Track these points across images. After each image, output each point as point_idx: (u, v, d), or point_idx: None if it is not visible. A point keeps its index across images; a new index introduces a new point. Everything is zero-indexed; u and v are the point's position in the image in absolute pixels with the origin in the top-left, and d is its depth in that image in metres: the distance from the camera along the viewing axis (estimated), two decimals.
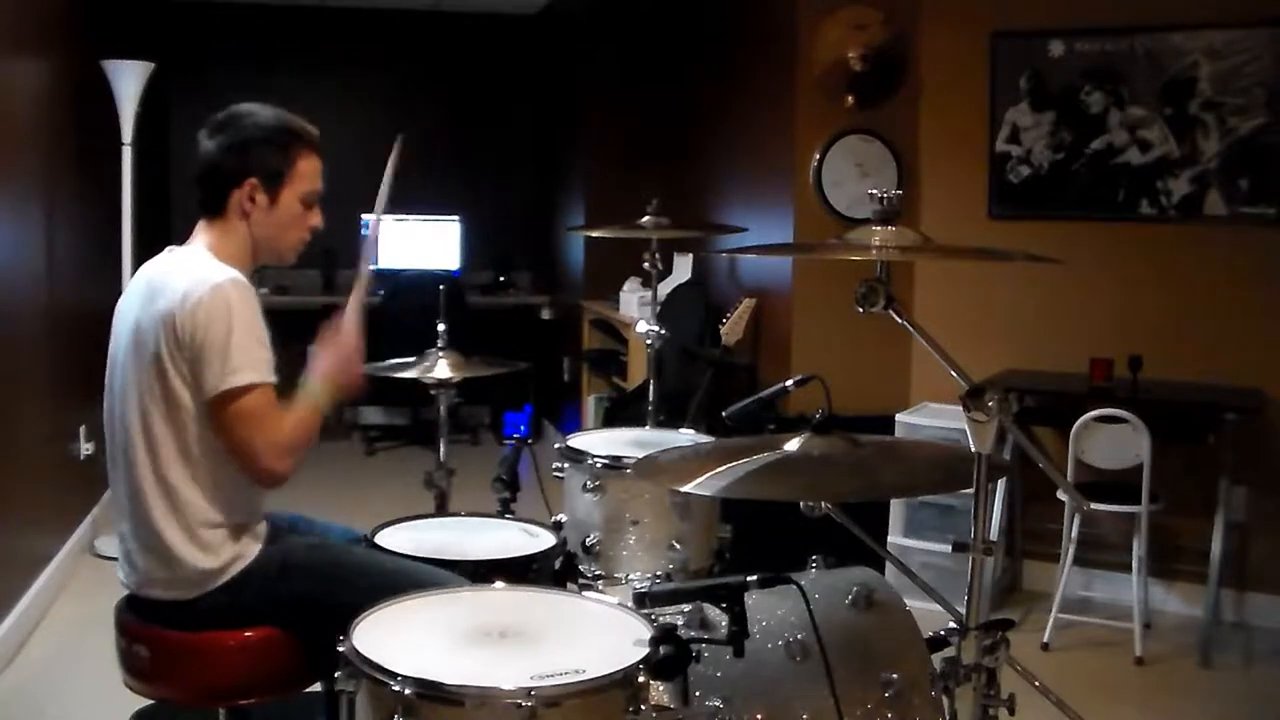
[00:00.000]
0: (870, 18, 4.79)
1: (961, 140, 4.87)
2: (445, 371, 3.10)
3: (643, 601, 1.92)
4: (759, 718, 1.96)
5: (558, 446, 3.00)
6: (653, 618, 1.89)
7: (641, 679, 1.71)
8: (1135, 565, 4.17)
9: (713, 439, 2.96)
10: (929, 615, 2.12)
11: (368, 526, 2.68)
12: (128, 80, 5.11)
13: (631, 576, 2.83)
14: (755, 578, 1.84)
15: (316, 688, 2.37)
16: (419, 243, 7.54)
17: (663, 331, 3.44)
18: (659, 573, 2.82)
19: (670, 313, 4.94)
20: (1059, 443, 4.35)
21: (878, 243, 1.83)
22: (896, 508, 4.55)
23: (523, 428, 6.55)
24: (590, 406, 6.45)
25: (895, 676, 2.01)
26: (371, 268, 2.64)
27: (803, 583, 1.96)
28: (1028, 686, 2.13)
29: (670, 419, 3.57)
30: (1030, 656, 4.00)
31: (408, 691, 1.64)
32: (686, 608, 2.03)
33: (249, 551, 2.30)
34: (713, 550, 2.91)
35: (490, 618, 1.91)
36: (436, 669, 1.68)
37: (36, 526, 4.45)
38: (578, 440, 3.05)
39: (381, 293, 7.00)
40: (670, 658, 1.73)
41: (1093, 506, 4.09)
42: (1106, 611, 4.44)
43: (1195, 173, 4.49)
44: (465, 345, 3.21)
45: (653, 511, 2.82)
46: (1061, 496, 4.25)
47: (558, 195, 7.59)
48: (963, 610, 1.77)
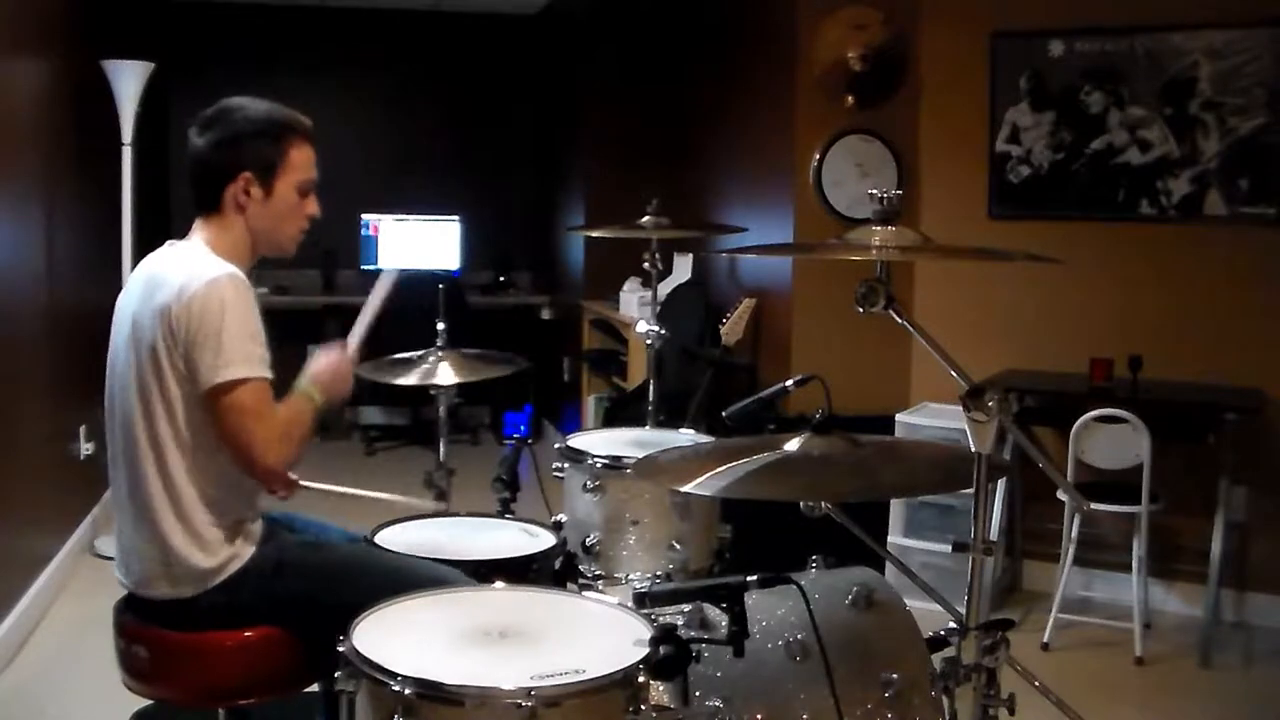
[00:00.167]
0: (870, 18, 4.79)
1: (961, 140, 4.87)
2: (445, 371, 3.10)
3: (643, 601, 1.92)
4: (759, 718, 1.96)
5: (558, 446, 3.00)
6: (653, 618, 1.89)
7: (641, 679, 1.71)
8: (1135, 565, 4.17)
9: (713, 439, 2.96)
10: (929, 615, 2.12)
11: (368, 526, 2.69)
12: (128, 80, 5.11)
13: (631, 576, 2.83)
14: (755, 578, 1.84)
15: (316, 688, 2.37)
16: (419, 243, 7.54)
17: (663, 331, 3.44)
18: (659, 573, 2.82)
19: (670, 313, 4.94)
20: (1059, 443, 4.35)
21: (878, 243, 1.83)
22: (896, 508, 4.55)
23: (523, 428, 6.55)
24: (590, 406, 6.45)
25: (895, 676, 2.01)
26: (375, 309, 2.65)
27: (803, 583, 1.96)
28: (1028, 686, 2.13)
29: (670, 419, 3.57)
30: (1030, 656, 4.00)
31: (408, 691, 1.64)
32: (686, 608, 2.03)
33: (245, 550, 2.30)
34: (713, 550, 2.91)
35: (490, 618, 1.91)
36: (436, 669, 1.68)
37: (36, 526, 4.45)
38: (578, 440, 3.05)
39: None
40: (670, 658, 1.73)
41: (1093, 506, 4.09)
42: (1106, 611, 4.44)
43: (1195, 173, 4.49)
44: (465, 345, 3.21)
45: (653, 511, 2.82)
46: (1061, 496, 4.25)
47: (558, 195, 7.59)
48: (963, 610, 1.77)
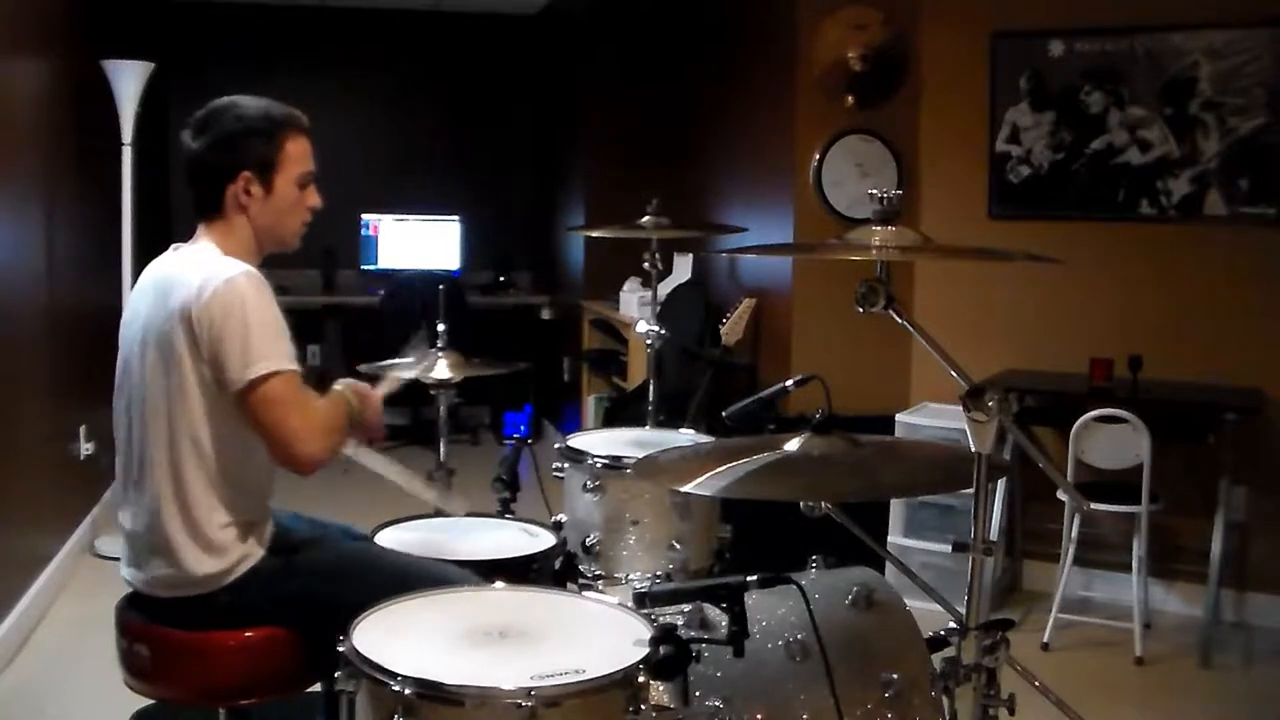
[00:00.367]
0: (870, 18, 4.79)
1: (961, 140, 4.86)
2: (445, 372, 3.10)
3: (643, 601, 1.92)
4: (759, 718, 1.96)
5: (558, 446, 3.00)
6: (653, 618, 1.89)
7: (641, 679, 1.71)
8: (1135, 565, 4.17)
9: (713, 439, 2.96)
10: (929, 615, 2.12)
11: (368, 526, 2.69)
12: (128, 80, 5.11)
13: (631, 576, 2.83)
14: (755, 578, 1.84)
15: (316, 688, 2.37)
16: (419, 243, 7.54)
17: (663, 331, 3.44)
18: (659, 573, 2.82)
19: (670, 313, 4.94)
20: (1059, 443, 4.35)
21: (878, 243, 1.83)
22: (896, 508, 4.55)
23: (523, 428, 6.55)
24: (590, 406, 6.45)
25: (895, 676, 2.01)
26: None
27: (803, 583, 1.96)
28: (1028, 686, 2.13)
29: (670, 419, 3.57)
30: (1030, 656, 4.00)
31: (408, 691, 1.64)
32: (686, 608, 2.03)
33: (256, 551, 2.30)
34: (713, 550, 2.91)
35: (490, 618, 1.91)
36: (436, 669, 1.68)
37: (36, 526, 4.45)
38: (578, 440, 3.05)
39: (381, 293, 7.01)
40: (670, 658, 1.73)
41: (1093, 506, 4.09)
42: (1106, 611, 4.43)
43: (1195, 173, 4.48)
44: (465, 345, 3.22)
45: (653, 511, 2.82)
46: (1061, 496, 4.25)
47: (558, 195, 7.58)
48: (963, 610, 1.77)
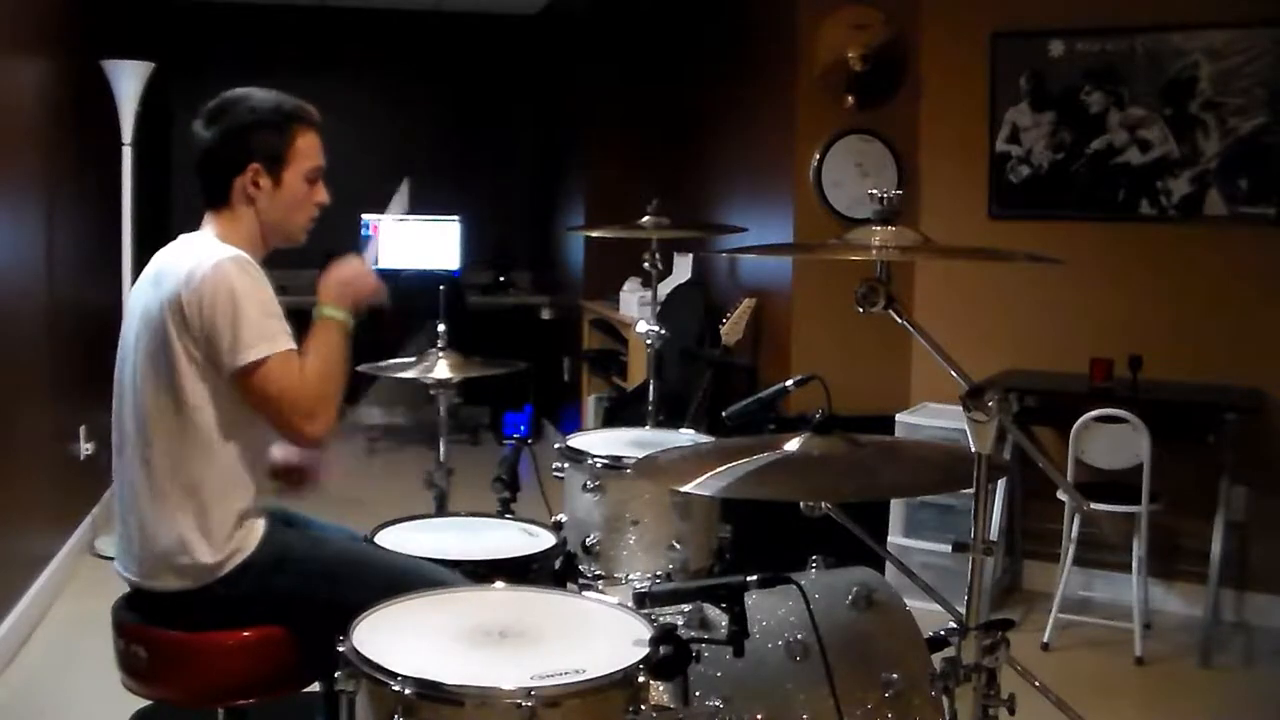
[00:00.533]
0: (870, 18, 4.79)
1: (961, 140, 4.86)
2: (445, 372, 3.10)
3: (643, 601, 1.92)
4: (759, 718, 1.96)
5: (558, 446, 2.99)
6: (653, 618, 1.89)
7: (641, 679, 1.71)
8: (1135, 565, 4.17)
9: (713, 439, 2.95)
10: (929, 615, 2.12)
11: (368, 526, 2.68)
12: (128, 80, 5.11)
13: (631, 576, 2.83)
14: (755, 578, 1.84)
15: (316, 687, 2.37)
16: (419, 243, 7.54)
17: (663, 331, 3.44)
18: (659, 573, 2.81)
19: (670, 313, 4.94)
20: (1059, 443, 4.35)
21: (878, 243, 1.83)
22: (896, 508, 4.55)
23: (523, 428, 6.56)
24: (590, 406, 6.45)
25: (895, 676, 2.01)
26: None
27: (803, 583, 1.96)
28: (1028, 686, 2.13)
29: (670, 419, 3.57)
30: (1030, 656, 4.00)
31: (408, 691, 1.64)
32: (686, 608, 2.03)
33: (250, 544, 2.29)
34: (713, 550, 2.91)
35: (490, 618, 1.91)
36: (436, 669, 1.68)
37: (36, 526, 4.45)
38: (578, 440, 3.05)
39: None
40: (670, 658, 1.73)
41: (1093, 506, 4.09)
42: (1106, 611, 4.43)
43: (1195, 173, 4.48)
44: (465, 345, 3.22)
45: (653, 511, 2.81)
46: (1061, 496, 4.25)
47: (558, 195, 7.58)
48: (963, 610, 1.76)
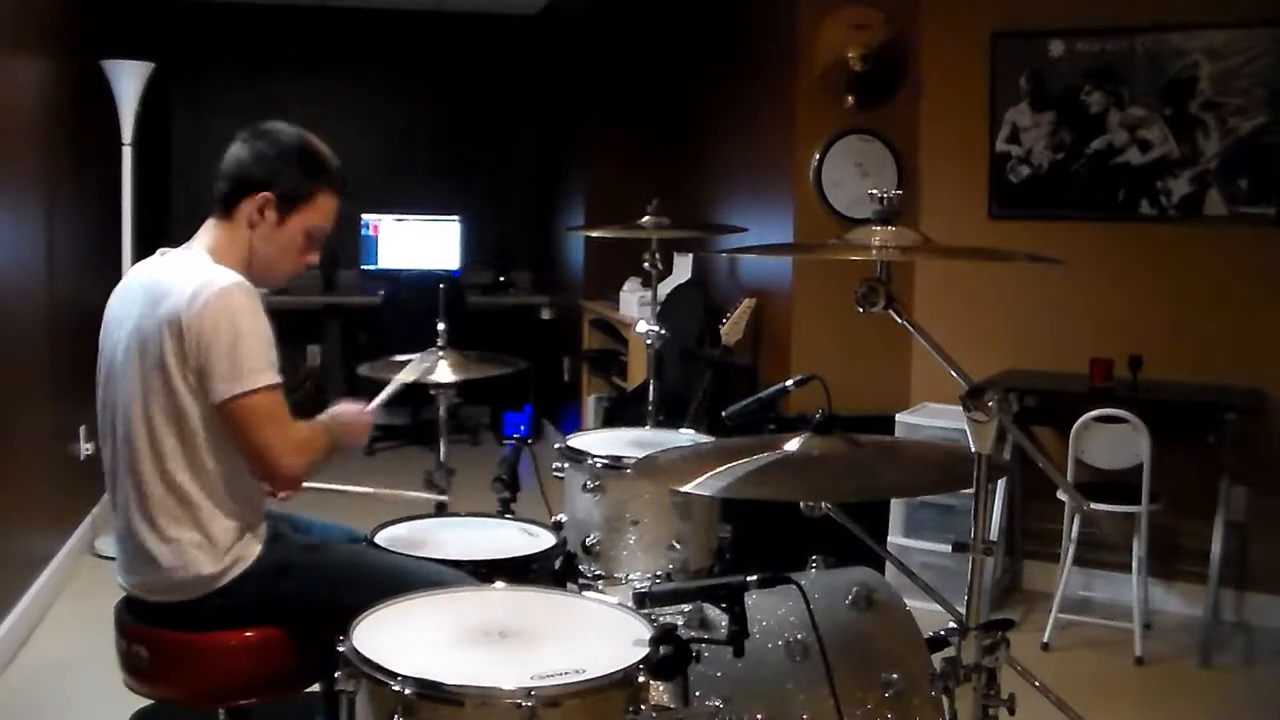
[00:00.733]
0: (870, 18, 4.79)
1: (961, 140, 4.86)
2: (445, 372, 3.10)
3: (643, 601, 1.92)
4: (759, 718, 1.96)
5: (558, 446, 2.99)
6: (653, 618, 1.89)
7: (641, 679, 1.71)
8: (1135, 565, 4.17)
9: (713, 439, 2.95)
10: (929, 615, 2.12)
11: (368, 526, 2.68)
12: (128, 80, 5.11)
13: (631, 576, 2.83)
14: (755, 578, 1.84)
15: (316, 688, 2.37)
16: (419, 243, 7.54)
17: (663, 331, 3.44)
18: (659, 573, 2.81)
19: (670, 313, 4.94)
20: (1059, 443, 4.35)
21: (878, 243, 1.83)
22: (896, 508, 4.55)
23: (523, 428, 6.55)
24: (590, 406, 6.45)
25: (895, 676, 2.01)
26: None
27: (803, 583, 1.96)
28: (1028, 686, 2.13)
29: (670, 419, 3.57)
30: (1030, 656, 4.00)
31: (408, 691, 1.64)
32: (686, 608, 2.03)
33: (250, 554, 2.30)
34: (713, 550, 2.91)
35: (490, 618, 1.91)
36: (436, 669, 1.68)
37: (36, 526, 4.45)
38: (578, 440, 3.05)
39: (381, 293, 7.01)
40: (670, 658, 1.73)
41: (1093, 506, 4.09)
42: (1106, 611, 4.43)
43: (1195, 173, 4.48)
44: (465, 345, 3.22)
45: (653, 511, 2.81)
46: (1061, 496, 4.25)
47: (558, 195, 7.58)
48: (963, 610, 1.76)
